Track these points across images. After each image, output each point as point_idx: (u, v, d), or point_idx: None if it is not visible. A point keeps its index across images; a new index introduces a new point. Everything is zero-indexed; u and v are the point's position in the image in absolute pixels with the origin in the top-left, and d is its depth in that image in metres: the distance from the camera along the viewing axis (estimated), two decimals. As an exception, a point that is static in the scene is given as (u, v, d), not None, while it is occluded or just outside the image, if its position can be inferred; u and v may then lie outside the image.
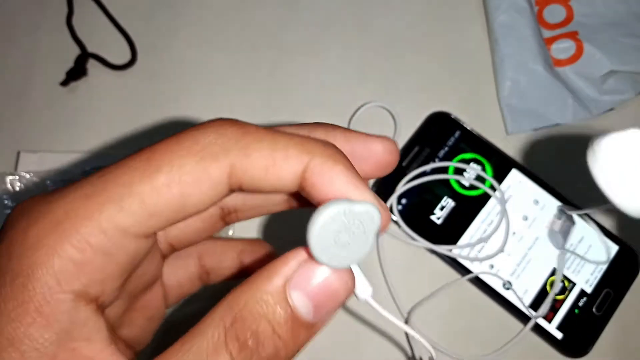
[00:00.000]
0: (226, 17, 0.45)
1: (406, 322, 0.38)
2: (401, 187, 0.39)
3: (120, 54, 0.43)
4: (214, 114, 0.42)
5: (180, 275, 0.21)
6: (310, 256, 0.15)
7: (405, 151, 0.40)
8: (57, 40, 0.44)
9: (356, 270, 0.16)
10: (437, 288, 0.39)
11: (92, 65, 0.43)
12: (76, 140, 0.42)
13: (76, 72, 0.42)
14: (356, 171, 0.15)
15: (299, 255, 0.15)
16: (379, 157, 0.17)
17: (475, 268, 0.38)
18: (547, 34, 0.43)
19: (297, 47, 0.44)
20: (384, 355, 0.38)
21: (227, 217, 0.20)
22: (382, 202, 0.16)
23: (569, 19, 0.43)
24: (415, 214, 0.39)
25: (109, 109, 0.43)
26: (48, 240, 0.13)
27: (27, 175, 0.39)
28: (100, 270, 0.14)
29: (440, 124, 0.41)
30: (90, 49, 0.43)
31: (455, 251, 0.38)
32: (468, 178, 0.39)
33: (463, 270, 0.38)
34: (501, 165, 0.40)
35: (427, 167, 0.39)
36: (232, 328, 0.13)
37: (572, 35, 0.42)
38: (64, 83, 0.42)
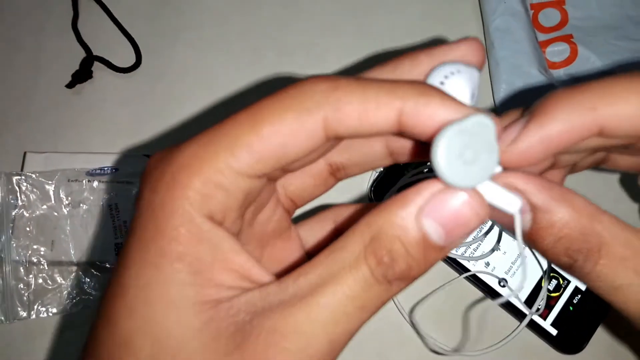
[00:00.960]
0: (228, 20, 0.46)
1: (411, 320, 0.38)
2: (396, 189, 0.39)
3: (125, 57, 0.44)
4: (217, 114, 0.43)
5: (318, 238, 0.24)
6: (446, 186, 0.16)
7: (403, 152, 0.41)
8: (62, 43, 0.45)
9: (495, 187, 0.16)
10: (434, 286, 0.39)
11: (97, 67, 0.44)
12: (81, 141, 0.43)
13: (82, 75, 0.43)
14: (451, 97, 0.16)
15: (432, 186, 0.16)
16: (468, 60, 0.18)
17: (472, 267, 0.38)
18: (542, 37, 0.44)
19: (297, 48, 0.45)
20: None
21: (337, 174, 0.22)
22: (484, 110, 0.17)
23: (563, 23, 0.44)
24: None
25: (113, 111, 0.44)
26: (181, 178, 0.17)
27: (33, 176, 0.40)
28: (221, 201, 0.17)
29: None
30: (96, 52, 0.44)
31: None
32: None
33: (460, 268, 0.38)
34: (497, 166, 0.41)
35: (424, 168, 0.40)
36: (370, 245, 0.16)
37: (567, 39, 0.43)
38: (70, 85, 0.43)
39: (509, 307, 0.38)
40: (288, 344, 0.15)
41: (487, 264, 0.38)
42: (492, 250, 0.38)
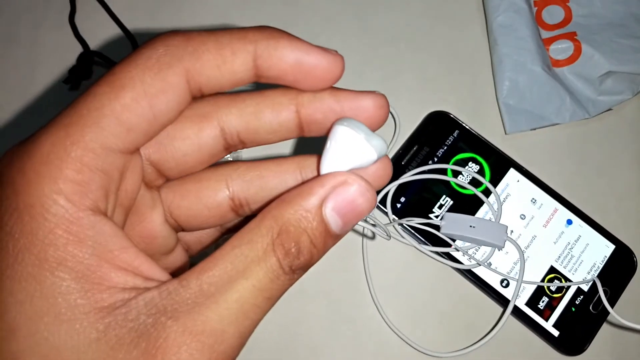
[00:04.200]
0: (228, 16, 0.45)
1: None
2: (394, 187, 0.39)
3: (123, 52, 0.44)
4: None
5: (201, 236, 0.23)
6: (345, 179, 0.17)
7: (404, 150, 0.41)
8: (60, 38, 0.44)
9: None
10: (436, 288, 0.39)
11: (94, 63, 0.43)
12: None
13: (79, 70, 0.42)
14: (298, 38, 0.17)
15: (333, 179, 0.17)
16: (370, 113, 0.18)
17: (473, 267, 0.38)
18: (546, 34, 0.43)
19: (297, 46, 0.45)
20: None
21: (240, 210, 0.21)
22: (335, 55, 0.18)
23: (567, 20, 0.43)
24: (414, 212, 0.39)
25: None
26: (47, 170, 0.15)
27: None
28: (102, 186, 0.15)
29: (439, 123, 0.41)
30: (93, 47, 0.44)
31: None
32: (465, 178, 0.39)
33: (462, 269, 0.38)
34: (499, 165, 0.40)
35: (425, 168, 0.39)
36: (278, 238, 0.16)
37: (571, 36, 0.43)
38: (67, 81, 0.42)
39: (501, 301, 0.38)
40: (200, 344, 0.15)
41: (489, 264, 0.38)
42: (492, 252, 0.38)
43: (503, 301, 0.37)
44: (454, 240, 0.38)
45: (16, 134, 0.42)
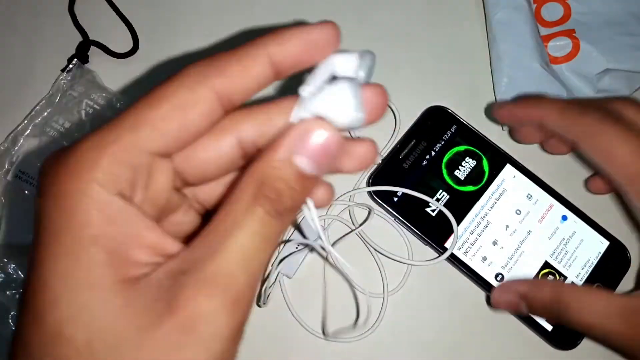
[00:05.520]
0: (227, 8, 0.45)
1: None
2: (392, 187, 0.39)
3: (122, 42, 0.44)
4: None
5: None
6: (308, 127, 0.19)
7: (402, 144, 0.41)
8: (58, 27, 0.44)
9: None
10: (433, 283, 0.39)
11: (93, 52, 0.43)
12: (76, 126, 0.42)
13: (78, 60, 0.42)
14: (294, 27, 0.20)
15: (297, 129, 0.19)
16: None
17: (469, 260, 0.38)
18: (545, 31, 0.43)
19: (297, 39, 0.45)
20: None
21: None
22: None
23: (566, 17, 0.44)
24: (411, 206, 0.39)
25: (109, 97, 0.43)
26: (86, 162, 0.17)
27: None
28: (129, 178, 0.18)
29: (437, 118, 0.42)
30: (92, 36, 0.44)
31: (448, 243, 0.38)
32: (462, 174, 0.40)
33: (455, 261, 0.38)
34: (496, 160, 0.40)
35: (422, 160, 0.40)
36: (259, 191, 0.18)
37: (569, 33, 0.43)
38: (66, 70, 0.42)
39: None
40: (213, 288, 0.17)
41: (484, 259, 0.38)
42: (492, 244, 0.38)
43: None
44: (448, 235, 0.38)
45: (14, 124, 0.42)
